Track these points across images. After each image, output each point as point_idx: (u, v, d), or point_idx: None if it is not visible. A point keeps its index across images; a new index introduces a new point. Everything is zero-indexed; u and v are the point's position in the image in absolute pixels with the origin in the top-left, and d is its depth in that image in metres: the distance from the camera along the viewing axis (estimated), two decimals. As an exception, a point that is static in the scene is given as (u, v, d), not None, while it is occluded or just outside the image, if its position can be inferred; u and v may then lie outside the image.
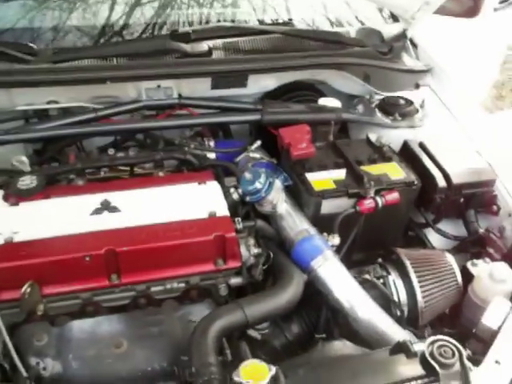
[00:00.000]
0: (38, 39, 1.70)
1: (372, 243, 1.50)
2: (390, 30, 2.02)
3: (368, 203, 1.38)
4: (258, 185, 1.33)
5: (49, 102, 1.57)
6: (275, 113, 1.61)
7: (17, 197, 1.30)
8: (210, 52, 1.71)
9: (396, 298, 1.37)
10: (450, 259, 1.43)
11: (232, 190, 1.36)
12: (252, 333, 1.31)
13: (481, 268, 1.42)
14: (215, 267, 1.28)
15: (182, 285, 1.29)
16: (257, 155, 1.53)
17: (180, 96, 1.64)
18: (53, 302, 1.21)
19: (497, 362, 1.16)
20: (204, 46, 1.70)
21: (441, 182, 1.49)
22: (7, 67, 1.52)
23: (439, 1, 1.83)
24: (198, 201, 1.34)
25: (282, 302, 1.21)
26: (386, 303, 1.36)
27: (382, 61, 1.83)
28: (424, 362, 1.07)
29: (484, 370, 1.13)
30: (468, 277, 1.42)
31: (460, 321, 1.40)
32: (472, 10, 2.14)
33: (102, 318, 1.22)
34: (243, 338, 1.27)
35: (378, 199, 1.39)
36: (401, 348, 1.15)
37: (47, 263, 1.17)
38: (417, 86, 1.89)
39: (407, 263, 1.39)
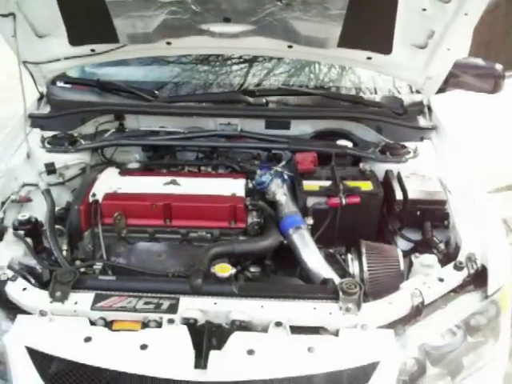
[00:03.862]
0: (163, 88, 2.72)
1: (349, 237, 2.10)
2: (412, 98, 2.70)
3: (334, 200, 2.05)
4: (263, 178, 2.11)
5: (160, 127, 2.52)
6: (296, 144, 2.37)
7: (125, 172, 2.23)
8: (266, 104, 2.56)
9: (351, 270, 1.98)
10: (398, 253, 1.99)
11: (248, 182, 2.15)
12: (248, 273, 2.02)
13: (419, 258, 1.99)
14: (229, 225, 2.04)
15: (209, 235, 2.06)
16: (279, 169, 2.28)
17: (241, 130, 2.49)
18: (131, 232, 2.06)
19: (390, 303, 1.73)
20: (263, 100, 2.55)
21: (399, 196, 2.11)
22: (138, 103, 2.52)
23: (441, 76, 2.45)
24: (228, 186, 2.14)
25: (261, 245, 1.94)
26: (343, 272, 1.98)
27: (392, 118, 2.50)
28: (336, 291, 1.69)
29: (376, 304, 1.72)
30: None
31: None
32: (494, 87, 2.72)
33: (156, 244, 2.04)
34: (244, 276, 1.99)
35: (343, 199, 2.05)
36: (325, 281, 1.80)
37: (132, 205, 2.04)
38: (421, 139, 2.50)
39: (363, 248, 2.00)
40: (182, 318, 1.62)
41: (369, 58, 2.40)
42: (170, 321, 1.61)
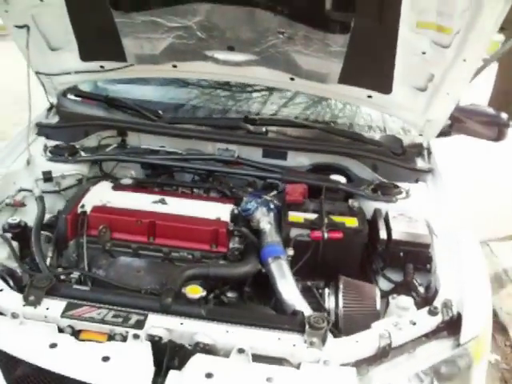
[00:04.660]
0: (167, 109, 2.79)
1: (329, 272, 2.08)
2: (413, 139, 2.71)
3: (317, 233, 2.06)
4: (249, 206, 2.13)
5: (160, 147, 2.58)
6: (290, 175, 2.39)
7: (118, 187, 2.29)
8: (266, 133, 2.60)
9: (327, 305, 1.98)
10: (376, 292, 1.98)
11: (234, 208, 2.18)
12: (224, 298, 2.03)
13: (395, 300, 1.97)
14: (210, 248, 2.07)
15: (190, 256, 2.08)
16: (268, 198, 2.31)
17: (238, 157, 2.53)
18: (116, 246, 2.10)
19: (357, 341, 1.72)
20: (263, 128, 2.60)
21: (382, 235, 2.11)
22: (141, 121, 2.59)
23: (441, 120, 2.47)
24: (214, 210, 2.17)
25: (236, 271, 1.95)
26: (318, 306, 1.97)
27: (389, 158, 2.51)
28: (303, 324, 1.69)
29: (342, 341, 1.71)
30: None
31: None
32: (498, 135, 2.72)
33: (136, 259, 2.07)
34: (219, 301, 2.00)
35: (325, 233, 2.06)
36: (295, 313, 1.80)
37: (117, 219, 2.09)
38: (416, 181, 2.51)
39: (340, 284, 1.99)
40: (148, 335, 1.64)
41: (369, 97, 2.43)
42: (135, 336, 1.62)
